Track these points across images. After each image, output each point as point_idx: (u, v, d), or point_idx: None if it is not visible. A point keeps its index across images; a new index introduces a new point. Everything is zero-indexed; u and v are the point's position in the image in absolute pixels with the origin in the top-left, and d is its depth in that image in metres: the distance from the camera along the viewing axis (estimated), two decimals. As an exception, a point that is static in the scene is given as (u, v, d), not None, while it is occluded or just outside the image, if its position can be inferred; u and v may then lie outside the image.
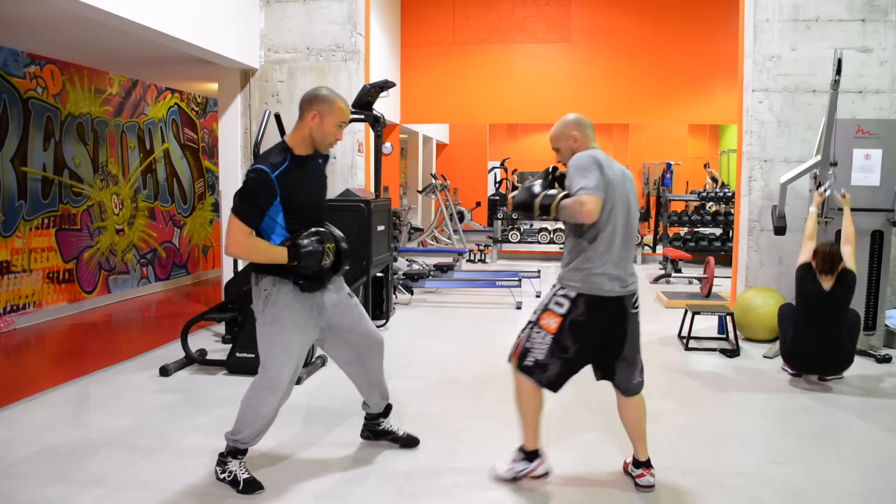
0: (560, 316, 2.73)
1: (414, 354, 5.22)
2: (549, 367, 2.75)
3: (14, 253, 6.15)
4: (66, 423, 3.67)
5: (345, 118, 2.87)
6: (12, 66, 6.09)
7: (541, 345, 2.75)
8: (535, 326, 2.80)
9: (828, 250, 4.27)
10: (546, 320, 2.76)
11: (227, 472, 2.91)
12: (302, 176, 2.84)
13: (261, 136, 5.10)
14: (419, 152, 13.77)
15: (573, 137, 2.85)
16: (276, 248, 2.76)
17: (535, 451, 2.92)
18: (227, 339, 5.38)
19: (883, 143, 5.11)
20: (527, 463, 2.93)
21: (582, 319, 2.71)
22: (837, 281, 4.25)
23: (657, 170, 12.86)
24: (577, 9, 10.26)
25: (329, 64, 6.45)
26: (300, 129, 2.85)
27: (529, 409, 2.85)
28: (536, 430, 2.89)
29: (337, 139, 2.89)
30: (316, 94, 2.85)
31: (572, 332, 2.72)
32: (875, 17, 5.77)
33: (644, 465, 2.96)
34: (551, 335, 2.74)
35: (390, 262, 6.22)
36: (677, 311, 6.29)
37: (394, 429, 3.34)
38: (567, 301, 2.73)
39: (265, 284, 2.83)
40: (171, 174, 8.58)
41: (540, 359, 2.75)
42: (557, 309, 2.75)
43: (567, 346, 2.73)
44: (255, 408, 2.86)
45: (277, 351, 2.83)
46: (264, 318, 2.84)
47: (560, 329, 2.72)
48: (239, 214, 2.71)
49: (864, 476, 3.09)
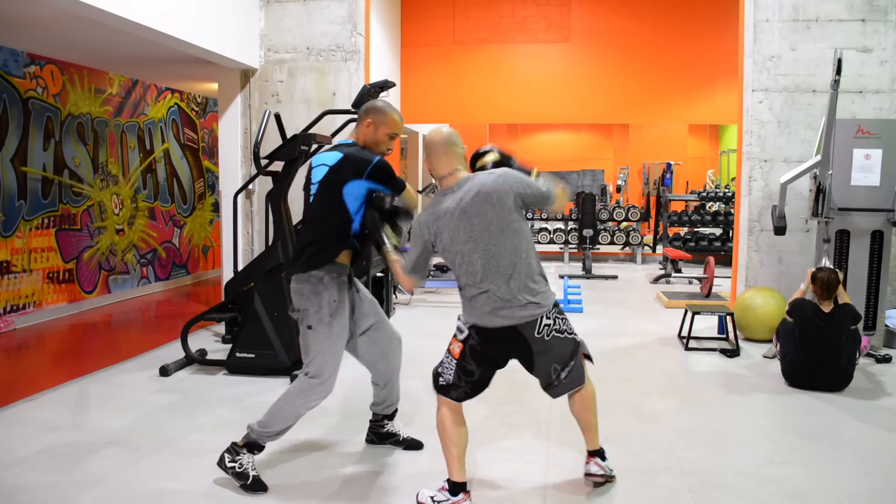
0: (461, 342, 2.76)
1: (414, 354, 5.20)
2: (460, 386, 2.74)
3: (14, 253, 6.15)
4: (66, 423, 3.67)
5: (398, 130, 3.05)
6: (12, 66, 6.09)
7: (448, 368, 2.77)
8: (447, 350, 2.82)
9: (826, 277, 4.30)
10: (452, 345, 2.80)
11: (237, 462, 2.88)
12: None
13: (261, 137, 5.10)
14: (419, 152, 13.77)
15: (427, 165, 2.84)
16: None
17: (460, 484, 2.71)
18: (227, 339, 5.38)
19: (883, 143, 5.11)
20: (448, 495, 2.70)
21: (478, 348, 2.72)
22: (837, 307, 4.28)
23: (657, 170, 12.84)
24: (577, 9, 10.25)
25: (329, 64, 6.45)
26: (356, 136, 3.05)
27: (452, 437, 2.71)
28: (460, 461, 2.71)
29: (389, 149, 3.05)
30: (373, 105, 3.04)
31: (473, 357, 2.72)
32: (875, 17, 5.77)
33: (591, 453, 2.93)
34: (455, 360, 2.76)
35: (390, 262, 6.21)
36: (677, 311, 6.29)
37: (397, 431, 3.35)
38: (465, 328, 2.76)
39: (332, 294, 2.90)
40: (171, 174, 8.58)
41: (450, 381, 2.76)
42: (459, 335, 2.79)
43: (471, 371, 2.73)
44: (298, 408, 2.90)
45: (338, 361, 2.93)
46: (331, 329, 2.88)
47: (462, 354, 2.74)
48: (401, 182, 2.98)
49: (864, 476, 3.09)
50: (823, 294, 4.28)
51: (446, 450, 2.72)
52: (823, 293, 4.28)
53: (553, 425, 3.64)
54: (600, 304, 7.32)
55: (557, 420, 3.71)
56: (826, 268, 4.43)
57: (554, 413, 3.82)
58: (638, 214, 10.95)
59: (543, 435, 3.53)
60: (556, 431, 3.56)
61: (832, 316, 4.25)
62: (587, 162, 17.24)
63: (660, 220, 10.86)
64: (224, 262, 6.53)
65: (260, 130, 5.11)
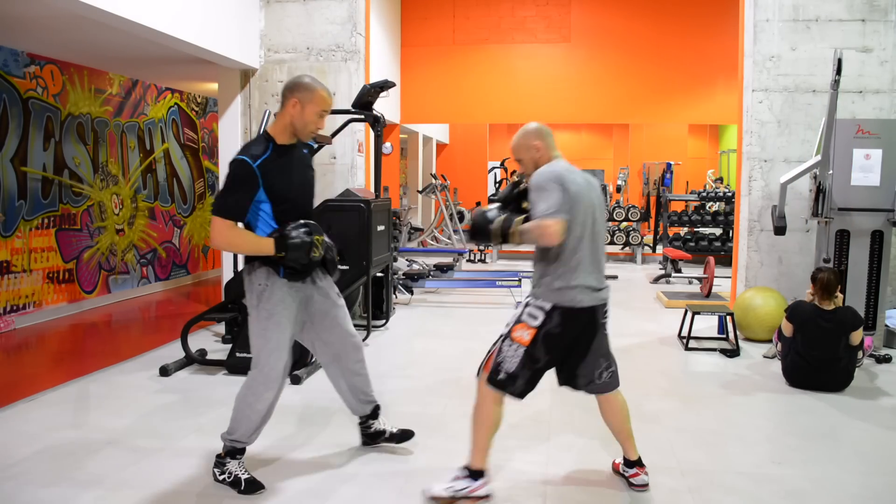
0: (534, 328, 2.70)
1: (414, 354, 5.22)
2: (519, 378, 2.72)
3: (14, 253, 6.15)
4: (66, 423, 3.67)
5: (326, 107, 2.85)
6: (12, 66, 6.09)
7: (512, 357, 2.71)
8: (507, 339, 2.75)
9: (825, 278, 4.29)
10: (519, 332, 2.73)
11: (226, 472, 2.89)
12: (285, 164, 2.82)
13: (261, 136, 5.10)
14: (419, 152, 13.77)
15: (535, 147, 2.81)
16: (262, 239, 2.74)
17: (481, 471, 2.79)
18: (227, 339, 5.38)
19: (883, 143, 5.11)
20: (470, 481, 2.77)
21: (556, 331, 2.70)
22: (836, 307, 4.28)
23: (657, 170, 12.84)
24: (577, 9, 10.26)
25: (329, 64, 6.45)
26: (281, 118, 2.84)
27: (487, 425, 2.76)
28: (487, 450, 2.78)
29: (318, 128, 2.87)
30: (298, 82, 2.83)
31: (545, 343, 2.71)
32: (875, 17, 5.77)
33: (636, 463, 2.95)
34: (524, 347, 2.70)
35: (390, 262, 6.21)
36: (677, 311, 6.29)
37: (384, 427, 3.29)
38: (542, 313, 2.70)
39: (258, 278, 2.80)
40: (171, 174, 8.58)
41: (511, 371, 2.71)
42: (531, 321, 2.72)
43: (538, 358, 2.72)
44: (251, 405, 2.85)
45: (272, 347, 2.82)
46: (258, 314, 2.81)
47: (533, 341, 2.70)
48: (221, 206, 2.70)
49: (864, 476, 3.09)
50: (823, 294, 4.28)
51: (480, 435, 2.75)
52: (823, 293, 4.28)
53: (553, 425, 3.64)
54: (600, 304, 7.31)
55: (557, 420, 3.71)
56: (826, 268, 4.42)
57: (554, 413, 3.83)
58: (638, 214, 10.95)
59: (543, 435, 3.53)
60: (556, 431, 3.56)
61: (834, 314, 4.24)
62: (587, 162, 17.24)
63: (660, 220, 10.86)
64: (224, 262, 6.53)
65: (260, 130, 5.11)
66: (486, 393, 2.77)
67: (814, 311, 4.28)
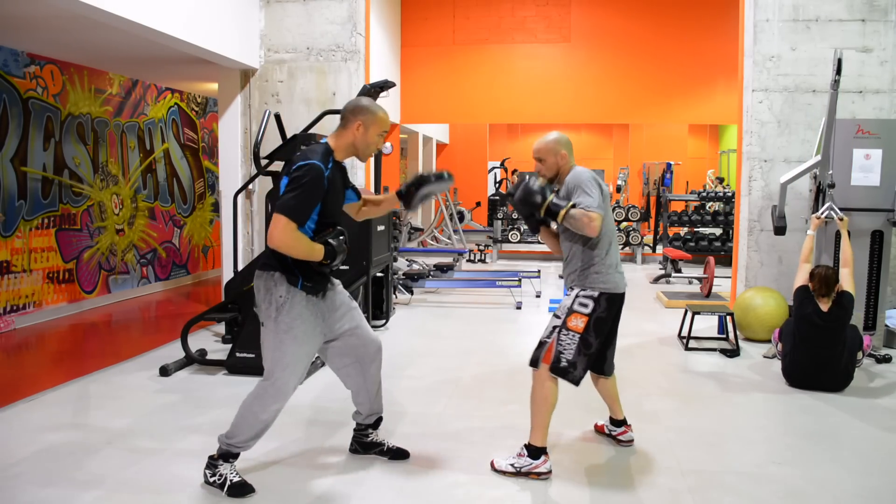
0: (586, 315, 3.00)
1: (414, 354, 5.22)
2: (578, 364, 2.99)
3: (14, 253, 6.15)
4: (66, 423, 3.67)
5: (387, 128, 2.95)
6: (12, 66, 6.09)
7: (570, 345, 2.98)
8: (563, 329, 3.01)
9: (824, 273, 4.28)
10: (574, 322, 3.00)
11: (216, 475, 2.87)
12: (338, 179, 2.89)
13: (261, 137, 5.10)
14: (419, 152, 13.76)
15: (562, 155, 3.13)
16: (315, 245, 2.76)
17: (542, 449, 3.03)
18: (227, 339, 5.38)
19: (883, 143, 5.11)
20: (531, 460, 3.01)
21: (604, 315, 3.03)
22: (835, 303, 4.26)
23: (657, 170, 12.85)
24: (577, 9, 10.26)
25: (329, 64, 6.45)
26: (344, 137, 2.89)
27: (546, 407, 3.02)
28: (546, 429, 3.03)
29: (378, 148, 2.97)
30: (359, 105, 2.90)
31: (596, 328, 3.02)
32: (875, 17, 5.77)
33: (623, 423, 3.41)
34: (579, 335, 2.98)
35: (390, 262, 6.22)
36: (677, 311, 6.29)
37: (382, 441, 3.25)
38: (591, 301, 3.01)
39: (280, 290, 2.79)
40: (171, 174, 8.58)
41: (570, 358, 2.98)
42: (583, 310, 3.01)
43: (591, 343, 3.02)
44: (257, 414, 2.83)
45: (288, 361, 2.80)
46: (277, 326, 2.79)
47: (587, 328, 2.99)
48: (292, 207, 2.68)
49: (864, 476, 3.10)
50: (822, 290, 4.27)
51: (540, 415, 3.02)
52: (822, 289, 4.27)
53: (553, 425, 3.63)
54: (600, 304, 7.31)
55: (557, 420, 3.70)
56: (824, 265, 4.42)
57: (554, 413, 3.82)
58: (638, 214, 10.95)
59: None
60: (556, 431, 3.56)
61: (830, 315, 4.24)
62: (587, 162, 17.07)
63: (660, 220, 10.86)
64: (224, 262, 6.53)
65: (260, 130, 5.11)
66: (543, 380, 3.01)
67: (813, 311, 4.27)
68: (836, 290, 4.29)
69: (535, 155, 3.15)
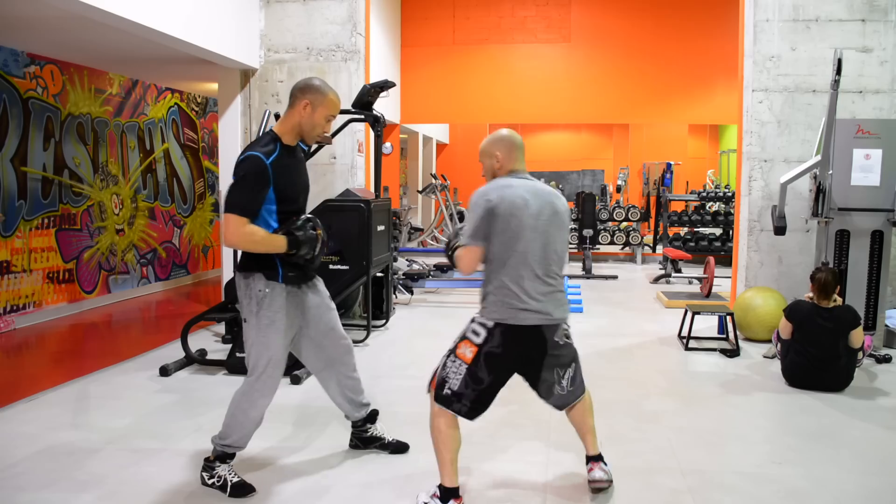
0: (476, 346, 2.60)
1: (414, 354, 5.22)
2: (464, 397, 2.60)
3: (14, 253, 6.15)
4: (66, 423, 3.68)
5: (335, 111, 2.86)
6: (12, 66, 6.09)
7: (456, 374, 2.61)
8: (452, 355, 2.65)
9: (823, 278, 4.28)
10: (462, 349, 2.63)
11: (215, 476, 2.86)
12: (292, 164, 2.83)
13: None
14: (419, 152, 13.77)
15: (496, 157, 2.70)
16: (275, 236, 2.73)
17: (452, 490, 2.64)
18: (227, 339, 5.38)
19: (883, 143, 5.11)
20: (438, 502, 2.64)
21: (497, 351, 2.58)
22: (835, 305, 4.27)
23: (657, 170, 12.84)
24: (577, 9, 10.26)
25: (329, 64, 6.44)
26: (290, 118, 2.83)
27: (445, 442, 2.62)
28: (453, 466, 2.63)
29: (325, 132, 2.88)
30: (309, 84, 2.82)
31: (487, 363, 2.59)
32: (875, 17, 5.77)
33: (593, 458, 2.90)
34: (466, 365, 2.60)
35: (390, 262, 6.21)
36: (677, 311, 6.29)
37: (382, 435, 3.25)
38: (484, 330, 2.60)
39: (258, 284, 2.78)
40: (171, 174, 8.58)
41: (455, 389, 2.60)
42: (474, 338, 2.62)
43: (482, 378, 2.59)
44: (246, 411, 2.83)
45: (272, 354, 2.80)
46: (259, 321, 2.78)
47: (475, 359, 2.59)
48: (236, 203, 2.66)
49: (864, 476, 3.09)
50: (821, 295, 4.28)
51: (439, 453, 2.64)
52: (821, 294, 4.28)
53: (553, 425, 3.64)
54: (600, 304, 7.32)
55: (557, 420, 3.69)
56: (824, 268, 4.42)
57: (554, 413, 3.80)
58: (638, 214, 10.95)
59: (543, 435, 3.53)
60: (556, 431, 3.56)
61: (832, 312, 4.24)
62: (587, 162, 17.24)
63: (660, 220, 10.86)
64: (224, 262, 6.53)
65: (260, 130, 5.11)
66: (435, 410, 2.65)
67: (812, 310, 4.27)
68: (836, 292, 4.29)
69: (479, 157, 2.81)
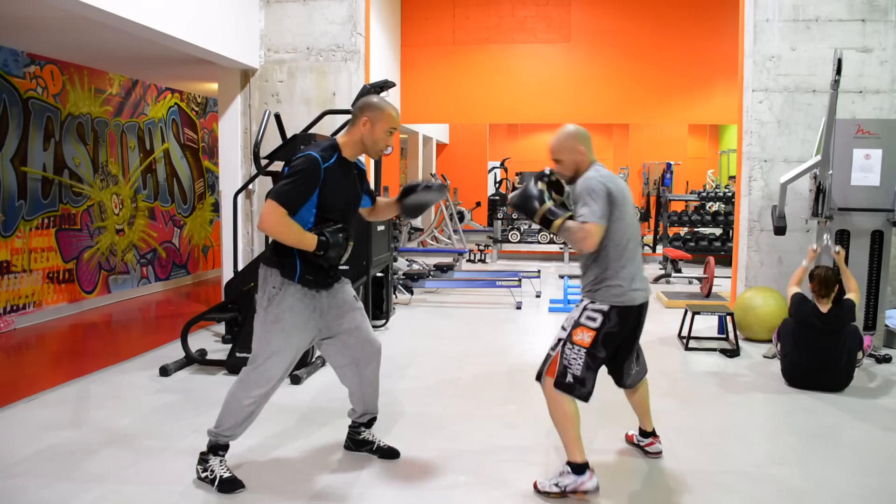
0: (594, 330, 2.81)
1: (414, 354, 5.22)
2: (586, 381, 2.81)
3: (14, 253, 6.15)
4: (66, 423, 3.67)
5: (395, 125, 2.93)
6: (12, 66, 6.09)
7: (577, 360, 2.80)
8: (568, 343, 2.83)
9: (823, 274, 4.28)
10: (579, 335, 2.82)
11: (207, 469, 2.90)
12: (343, 177, 2.87)
13: (261, 137, 5.10)
14: (419, 152, 13.77)
15: (579, 151, 2.88)
16: (306, 233, 2.76)
17: (584, 464, 2.81)
18: (227, 339, 5.38)
19: (883, 143, 5.11)
20: (575, 476, 2.81)
21: (615, 331, 2.82)
22: (834, 304, 4.26)
23: (657, 170, 12.85)
24: (577, 9, 10.25)
25: (329, 64, 6.45)
26: (352, 133, 2.90)
27: (568, 422, 2.83)
28: (579, 442, 2.83)
29: (387, 145, 2.95)
30: (367, 102, 2.91)
31: (605, 343, 2.82)
32: (875, 17, 5.77)
33: (652, 434, 3.25)
34: (585, 349, 2.80)
35: (390, 262, 6.22)
36: (677, 311, 6.29)
37: (373, 440, 3.27)
38: (600, 315, 2.81)
39: (273, 281, 2.84)
40: (171, 174, 8.58)
41: (577, 374, 2.80)
42: (590, 324, 2.82)
43: (599, 358, 2.84)
44: (239, 399, 2.87)
45: (273, 349, 2.84)
46: (266, 316, 2.84)
47: (594, 342, 2.81)
48: (282, 193, 2.71)
49: (863, 476, 3.09)
50: (821, 291, 4.27)
51: (566, 431, 2.82)
52: (821, 290, 4.27)
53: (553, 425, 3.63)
54: (600, 304, 7.31)
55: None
56: (824, 266, 4.42)
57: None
58: (638, 214, 10.92)
59: (543, 435, 3.53)
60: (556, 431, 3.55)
61: (829, 316, 4.24)
62: (587, 162, 17.21)
63: (660, 220, 10.86)
64: (224, 262, 6.53)
65: (260, 130, 5.11)
66: (554, 396, 2.84)
67: (812, 312, 4.27)
68: (836, 290, 4.29)
69: (552, 155, 2.93)
